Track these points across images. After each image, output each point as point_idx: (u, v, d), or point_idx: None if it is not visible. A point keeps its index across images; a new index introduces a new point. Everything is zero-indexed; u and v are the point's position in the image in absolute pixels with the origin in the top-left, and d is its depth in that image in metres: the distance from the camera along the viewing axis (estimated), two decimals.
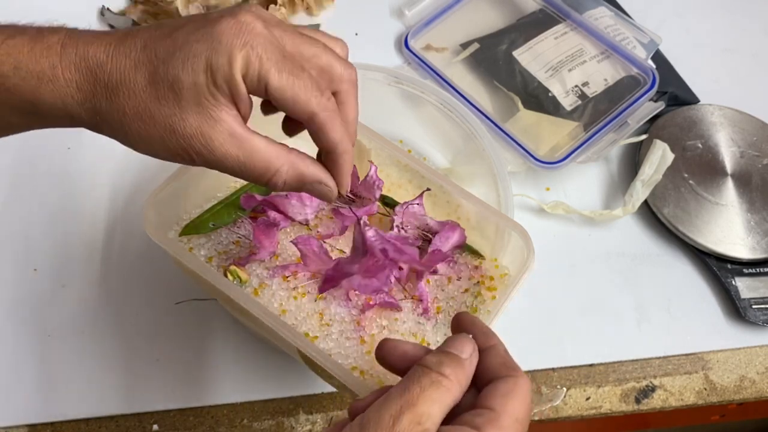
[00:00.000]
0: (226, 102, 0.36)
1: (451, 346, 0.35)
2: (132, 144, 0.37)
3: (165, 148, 0.36)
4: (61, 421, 0.56)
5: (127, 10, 0.78)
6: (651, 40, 0.73)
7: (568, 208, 0.66)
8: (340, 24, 0.79)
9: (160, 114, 0.35)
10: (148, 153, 0.38)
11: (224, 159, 0.36)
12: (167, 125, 0.36)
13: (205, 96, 0.35)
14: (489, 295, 0.53)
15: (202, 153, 0.36)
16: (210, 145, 0.36)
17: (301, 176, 0.38)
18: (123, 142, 0.38)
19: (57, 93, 0.36)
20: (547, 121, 0.69)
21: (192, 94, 0.35)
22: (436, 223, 0.53)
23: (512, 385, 0.33)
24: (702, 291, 0.64)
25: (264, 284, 0.52)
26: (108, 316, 0.61)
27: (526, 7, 0.78)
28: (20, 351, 0.59)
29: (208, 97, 0.35)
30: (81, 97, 0.36)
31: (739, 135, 0.70)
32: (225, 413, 0.57)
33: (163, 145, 0.36)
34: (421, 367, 0.33)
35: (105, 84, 0.36)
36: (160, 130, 0.36)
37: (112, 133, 0.37)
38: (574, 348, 0.60)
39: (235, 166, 0.37)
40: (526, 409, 0.33)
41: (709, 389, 0.60)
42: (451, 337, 0.36)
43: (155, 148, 0.37)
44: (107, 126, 0.37)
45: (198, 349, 0.59)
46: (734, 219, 0.65)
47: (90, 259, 0.63)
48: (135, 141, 0.37)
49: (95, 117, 0.37)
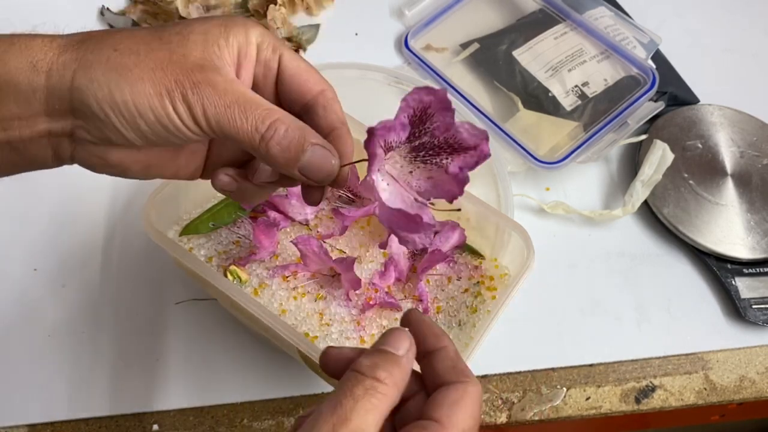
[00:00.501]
0: (230, 58, 0.34)
1: (386, 342, 0.33)
2: (112, 106, 0.32)
3: (154, 88, 0.32)
4: (61, 421, 0.56)
5: (127, 10, 0.78)
6: (651, 40, 0.73)
7: (568, 208, 0.66)
8: (340, 24, 0.79)
9: (160, 45, 0.32)
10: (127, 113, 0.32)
11: (222, 96, 0.32)
12: (164, 57, 0.32)
13: (212, 45, 0.33)
14: (489, 295, 0.53)
15: (199, 84, 0.32)
16: (211, 80, 0.32)
17: (303, 132, 0.34)
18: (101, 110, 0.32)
19: (18, 63, 0.31)
20: (547, 121, 0.69)
21: (200, 39, 0.33)
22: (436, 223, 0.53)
23: (461, 393, 0.32)
24: (702, 291, 0.64)
25: (264, 284, 0.52)
26: (108, 316, 0.61)
27: (526, 7, 0.78)
28: (20, 351, 0.59)
29: (215, 44, 0.33)
30: (48, 59, 0.32)
31: (739, 135, 0.70)
32: (225, 413, 0.57)
33: (153, 84, 0.32)
34: (354, 373, 0.31)
35: (79, 43, 0.32)
36: (154, 62, 0.32)
37: (84, 96, 0.32)
38: (574, 348, 0.60)
39: (231, 111, 0.33)
40: (474, 419, 0.32)
41: (709, 389, 0.60)
42: (386, 332, 0.34)
43: (140, 96, 0.32)
44: (83, 73, 0.32)
45: (198, 349, 0.59)
46: (734, 219, 0.65)
47: (90, 259, 0.63)
48: (118, 92, 0.31)
49: (71, 74, 0.32)
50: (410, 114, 0.32)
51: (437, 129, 0.33)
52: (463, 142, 0.33)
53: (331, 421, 0.29)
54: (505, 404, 0.58)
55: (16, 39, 0.32)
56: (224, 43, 0.34)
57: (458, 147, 0.34)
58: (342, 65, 0.66)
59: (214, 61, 0.33)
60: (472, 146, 0.34)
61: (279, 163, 0.34)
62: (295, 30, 0.77)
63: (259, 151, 0.33)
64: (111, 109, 0.32)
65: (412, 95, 0.32)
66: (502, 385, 0.59)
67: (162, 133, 0.33)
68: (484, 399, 0.58)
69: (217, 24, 0.34)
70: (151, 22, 0.78)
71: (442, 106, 0.32)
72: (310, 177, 0.34)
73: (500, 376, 0.59)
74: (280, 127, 0.33)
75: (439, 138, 0.33)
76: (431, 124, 0.33)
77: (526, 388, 0.59)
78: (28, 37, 0.32)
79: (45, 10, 0.77)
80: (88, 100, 0.32)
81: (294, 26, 0.77)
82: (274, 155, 0.33)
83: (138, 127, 0.33)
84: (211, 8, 0.75)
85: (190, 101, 0.32)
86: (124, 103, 0.32)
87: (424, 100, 0.32)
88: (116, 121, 0.32)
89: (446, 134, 0.33)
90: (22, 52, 0.32)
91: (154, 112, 0.32)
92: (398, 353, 0.32)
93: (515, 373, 0.59)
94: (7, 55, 0.32)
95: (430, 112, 0.32)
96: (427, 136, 0.33)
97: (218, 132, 0.33)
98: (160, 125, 0.33)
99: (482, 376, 0.59)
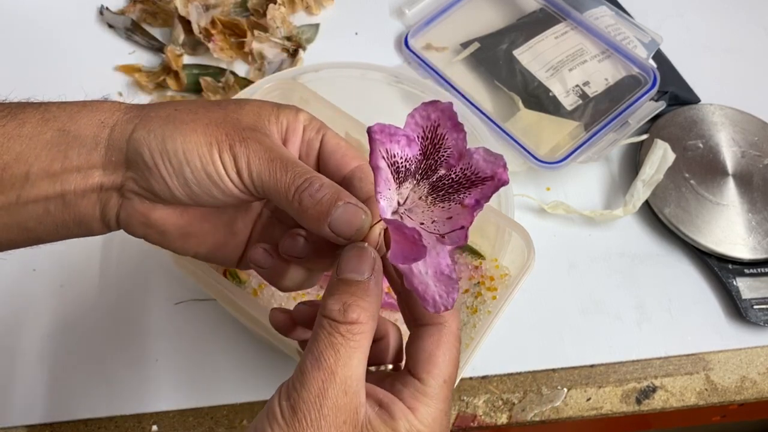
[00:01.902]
0: (278, 132, 0.36)
1: (347, 267, 0.32)
2: (162, 153, 0.34)
3: (205, 138, 0.33)
4: (60, 422, 0.56)
5: (126, 10, 0.78)
6: (652, 39, 0.73)
7: (568, 208, 0.66)
8: (340, 23, 0.79)
9: (217, 109, 0.35)
10: (180, 164, 0.34)
11: (266, 152, 0.34)
12: (219, 117, 0.34)
13: (265, 117, 0.36)
14: (489, 295, 0.53)
15: (247, 140, 0.34)
16: (259, 139, 0.34)
17: (338, 190, 0.34)
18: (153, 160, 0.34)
19: (88, 121, 0.35)
20: (548, 121, 0.69)
21: (254, 110, 0.36)
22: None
23: (437, 340, 0.32)
24: (703, 291, 0.64)
25: (263, 284, 0.52)
26: (107, 316, 0.60)
27: (527, 6, 0.78)
28: (19, 351, 0.59)
29: (267, 118, 0.36)
30: (115, 117, 0.35)
31: (740, 135, 0.70)
32: (224, 414, 0.57)
33: (205, 135, 0.33)
34: (326, 320, 0.31)
35: (144, 106, 0.36)
36: (209, 119, 0.34)
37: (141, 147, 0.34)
38: (575, 348, 0.60)
39: (274, 165, 0.33)
40: (453, 364, 0.32)
41: (710, 390, 0.59)
42: (345, 252, 0.32)
43: (191, 144, 0.33)
44: (142, 126, 0.34)
45: (197, 350, 0.59)
46: (735, 219, 0.65)
47: (89, 259, 0.63)
48: (170, 141, 0.33)
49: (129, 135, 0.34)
50: (420, 134, 0.30)
51: (452, 157, 0.31)
52: (480, 172, 0.31)
53: (318, 377, 0.29)
54: (506, 405, 0.58)
55: (89, 103, 0.35)
56: (275, 119, 0.36)
57: (476, 179, 0.31)
58: (342, 65, 0.66)
59: (265, 128, 0.35)
60: (490, 176, 0.31)
61: (310, 216, 0.33)
62: (295, 29, 0.77)
63: (293, 204, 0.33)
64: (161, 156, 0.33)
65: (419, 111, 0.30)
66: (502, 385, 0.59)
67: (205, 183, 0.34)
68: (484, 399, 0.58)
69: (271, 104, 0.37)
70: (151, 22, 0.78)
71: (452, 124, 0.30)
72: (339, 233, 0.33)
73: (501, 376, 0.59)
74: (316, 181, 0.33)
75: (456, 170, 0.31)
76: (445, 152, 0.31)
77: (526, 388, 0.59)
78: (99, 102, 0.36)
79: (45, 9, 0.77)
80: (141, 148, 0.34)
81: (294, 25, 0.77)
82: (306, 207, 0.33)
83: (183, 174, 0.34)
84: (210, 7, 0.75)
85: (236, 152, 0.33)
86: (174, 151, 0.33)
87: (431, 117, 0.30)
88: (163, 168, 0.34)
89: (462, 164, 0.31)
90: (93, 113, 0.35)
91: (201, 159, 0.33)
92: (363, 278, 0.31)
93: (516, 374, 0.59)
94: (79, 115, 0.34)
95: (441, 133, 0.31)
96: (443, 168, 0.31)
97: (257, 184, 0.34)
98: (204, 173, 0.34)
99: (483, 377, 0.59)
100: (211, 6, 0.76)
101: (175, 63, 0.72)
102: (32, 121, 0.34)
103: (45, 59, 0.75)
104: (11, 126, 0.34)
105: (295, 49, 0.75)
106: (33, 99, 0.36)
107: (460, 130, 0.30)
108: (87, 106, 0.35)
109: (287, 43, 0.75)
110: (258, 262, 0.37)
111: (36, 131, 0.34)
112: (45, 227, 0.35)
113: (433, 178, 0.32)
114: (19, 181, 0.34)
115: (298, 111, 0.37)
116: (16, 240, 0.36)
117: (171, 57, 0.72)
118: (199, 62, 0.75)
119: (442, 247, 0.31)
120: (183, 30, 0.75)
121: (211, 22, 0.74)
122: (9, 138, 0.33)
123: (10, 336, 0.60)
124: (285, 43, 0.75)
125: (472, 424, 0.57)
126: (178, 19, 0.75)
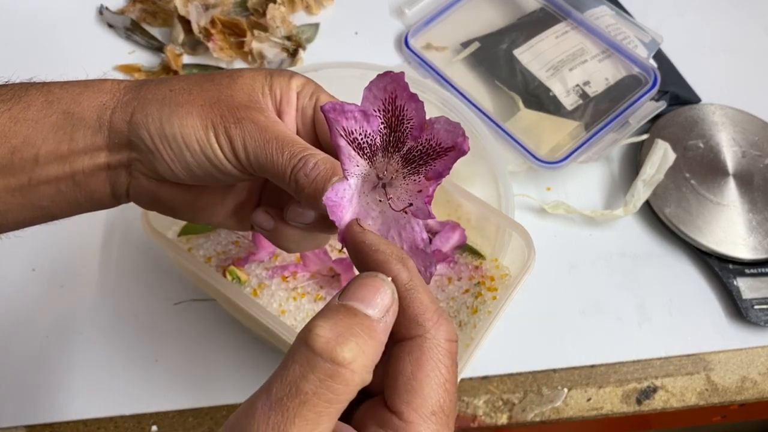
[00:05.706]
0: (273, 103, 0.36)
1: (356, 295, 0.25)
2: (161, 137, 0.34)
3: (201, 122, 0.34)
4: (60, 422, 0.56)
5: (126, 9, 0.78)
6: (652, 39, 0.73)
7: (568, 208, 0.66)
8: (340, 23, 0.79)
9: (211, 86, 0.35)
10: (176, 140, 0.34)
11: (262, 132, 0.33)
12: (213, 96, 0.34)
13: (258, 90, 0.35)
14: (489, 295, 0.53)
15: (242, 120, 0.34)
16: (254, 118, 0.34)
17: (333, 166, 0.33)
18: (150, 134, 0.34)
19: (90, 103, 0.35)
20: (548, 121, 0.69)
21: (247, 83, 0.35)
22: (436, 223, 0.53)
23: (417, 359, 0.24)
24: (703, 291, 0.64)
25: (263, 284, 0.52)
26: (106, 316, 0.60)
27: (527, 5, 0.78)
28: (18, 351, 0.59)
29: (261, 90, 0.35)
30: (115, 99, 0.35)
31: (741, 135, 0.70)
32: (224, 414, 0.57)
33: (200, 118, 0.34)
34: (305, 349, 0.23)
35: (141, 85, 0.36)
36: (203, 100, 0.34)
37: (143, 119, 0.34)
38: (575, 348, 0.60)
39: (269, 146, 0.33)
40: (443, 390, 0.24)
41: (710, 390, 0.59)
42: (358, 278, 0.26)
43: (188, 128, 0.34)
44: (140, 110, 0.35)
45: (197, 350, 0.59)
46: (736, 219, 0.65)
47: (88, 259, 0.63)
48: (168, 125, 0.34)
49: (130, 105, 0.35)
50: (380, 107, 0.30)
51: (414, 128, 0.30)
52: (441, 142, 0.30)
53: (261, 430, 0.22)
54: (506, 405, 0.58)
55: (90, 83, 0.36)
56: (268, 91, 0.36)
57: (439, 149, 0.30)
58: (341, 64, 0.66)
59: (259, 103, 0.35)
60: (451, 146, 0.29)
61: (307, 195, 0.33)
62: (295, 29, 0.77)
63: (290, 184, 0.33)
64: (161, 140, 0.34)
65: (375, 83, 0.29)
66: (502, 386, 0.59)
67: (206, 166, 0.34)
68: (484, 400, 0.58)
69: (264, 73, 0.36)
70: (150, 21, 0.78)
71: (407, 94, 0.29)
72: None
73: (501, 376, 0.59)
74: (311, 159, 0.33)
75: (422, 141, 0.30)
76: (408, 122, 0.29)
77: (527, 389, 0.59)
78: (99, 82, 0.36)
79: (45, 8, 0.77)
80: (141, 133, 0.34)
81: (293, 25, 0.77)
82: (302, 186, 0.32)
83: (184, 158, 0.34)
84: (210, 7, 0.75)
85: (231, 135, 0.34)
86: (173, 135, 0.34)
87: (387, 89, 0.29)
88: (164, 152, 0.34)
89: (426, 134, 0.30)
90: (95, 94, 0.35)
91: (199, 143, 0.34)
92: (373, 315, 0.24)
93: (516, 374, 0.59)
94: (82, 97, 0.35)
95: (400, 104, 0.29)
96: (411, 140, 0.30)
97: (255, 165, 0.34)
98: (203, 156, 0.34)
99: (483, 377, 0.59)
100: (211, 5, 0.76)
101: (174, 63, 0.72)
102: (37, 103, 0.34)
103: (45, 59, 0.75)
104: (17, 109, 0.34)
105: (294, 48, 0.75)
106: (35, 79, 0.37)
107: (416, 100, 0.30)
108: (89, 87, 0.35)
109: (287, 43, 0.75)
110: (260, 224, 0.38)
111: (41, 114, 0.34)
112: (58, 205, 0.36)
113: (403, 150, 0.31)
114: (29, 164, 0.34)
115: (291, 77, 0.37)
116: (31, 218, 0.37)
117: (171, 57, 0.72)
118: (198, 62, 0.75)
119: (417, 221, 0.31)
120: (183, 30, 0.75)
121: (210, 22, 0.74)
122: (15, 121, 0.34)
123: (10, 336, 0.59)
124: (285, 43, 0.75)
125: (472, 424, 0.57)
126: (178, 19, 0.75)
